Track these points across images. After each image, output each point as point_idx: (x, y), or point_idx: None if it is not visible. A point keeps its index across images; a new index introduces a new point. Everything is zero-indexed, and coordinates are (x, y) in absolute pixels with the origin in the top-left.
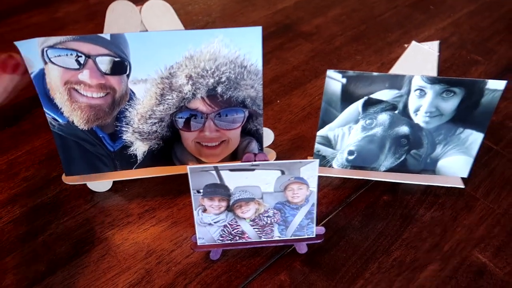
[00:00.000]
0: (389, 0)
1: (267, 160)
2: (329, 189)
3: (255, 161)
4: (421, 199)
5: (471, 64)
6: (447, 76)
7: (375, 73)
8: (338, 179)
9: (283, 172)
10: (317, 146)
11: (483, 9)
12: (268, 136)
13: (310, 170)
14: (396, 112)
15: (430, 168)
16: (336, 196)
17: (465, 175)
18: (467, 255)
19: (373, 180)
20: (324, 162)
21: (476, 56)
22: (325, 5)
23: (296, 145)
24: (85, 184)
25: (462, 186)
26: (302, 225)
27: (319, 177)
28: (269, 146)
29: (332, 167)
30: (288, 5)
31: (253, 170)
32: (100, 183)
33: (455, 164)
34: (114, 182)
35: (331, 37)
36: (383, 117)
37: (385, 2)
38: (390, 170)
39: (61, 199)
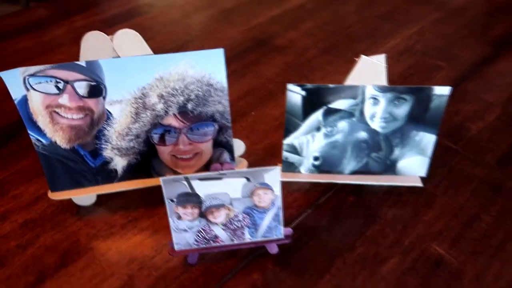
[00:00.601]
0: (357, 12)
1: (233, 169)
2: (300, 193)
3: (222, 170)
4: (384, 198)
5: (434, 70)
6: (410, 82)
7: (331, 85)
8: (307, 184)
9: (248, 179)
10: (284, 154)
11: (449, 16)
12: (240, 146)
13: (273, 176)
14: (354, 119)
15: (391, 169)
16: (305, 200)
17: (423, 174)
18: (425, 248)
19: (339, 183)
20: (292, 168)
21: (439, 62)
22: (298, 19)
23: (269, 153)
24: (71, 199)
25: (421, 185)
26: (270, 227)
27: (290, 182)
28: (243, 155)
29: (300, 172)
30: (263, 20)
31: (220, 178)
32: (85, 198)
33: (413, 164)
34: (98, 196)
35: (304, 49)
36: (343, 125)
37: (354, 15)
38: (354, 172)
39: (49, 214)
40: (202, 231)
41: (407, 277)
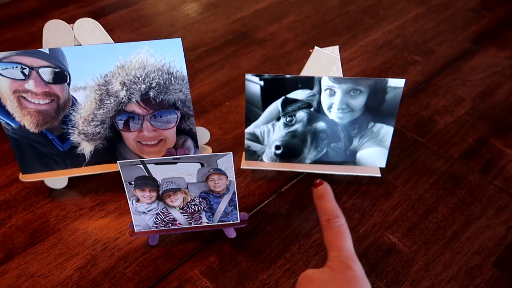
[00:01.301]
0: (341, 6)
1: (187, 154)
2: (264, 181)
3: (176, 155)
4: (345, 188)
5: (410, 64)
6: (384, 75)
7: (288, 76)
8: (272, 172)
9: (202, 165)
10: (246, 142)
11: (429, 12)
12: (204, 134)
13: (226, 162)
14: (312, 109)
15: (351, 159)
16: (269, 187)
17: (383, 165)
18: (379, 236)
19: (301, 172)
20: (255, 156)
21: (416, 56)
22: (281, 13)
23: (239, 142)
24: (44, 182)
25: (379, 175)
26: (226, 212)
27: (255, 170)
28: (213, 144)
29: (263, 161)
30: (247, 14)
31: (175, 163)
32: (57, 180)
33: (372, 155)
34: (70, 180)
35: (283, 42)
36: (301, 115)
37: (338, 8)
38: (315, 162)
39: (23, 196)
40: (161, 213)
41: None
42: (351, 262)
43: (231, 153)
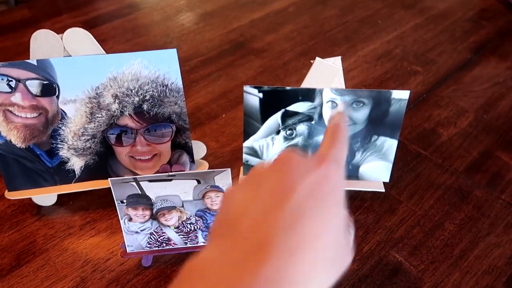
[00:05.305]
0: (339, 16)
1: (183, 171)
2: None
3: (171, 171)
4: (348, 203)
5: (411, 75)
6: (385, 86)
7: (288, 88)
8: None
9: (199, 181)
10: (245, 157)
11: (428, 22)
12: (200, 148)
13: (224, 179)
14: (313, 122)
15: (353, 174)
16: None
17: (387, 179)
18: (384, 254)
19: None
20: None
21: (416, 67)
22: (278, 23)
23: (236, 156)
24: (32, 199)
25: (383, 190)
26: None
27: None
28: (209, 158)
29: None
30: (243, 23)
31: (170, 180)
32: (45, 198)
33: (375, 169)
34: (59, 196)
35: (281, 53)
36: (302, 128)
37: (335, 18)
38: None
39: (9, 213)
40: (155, 233)
41: (363, 284)
42: (329, 161)
43: (229, 169)
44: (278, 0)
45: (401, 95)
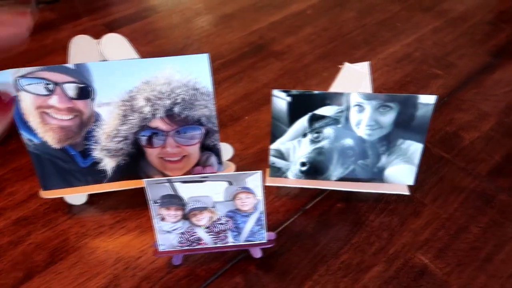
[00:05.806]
0: (358, 19)
1: (215, 173)
2: (287, 199)
3: (204, 173)
4: (372, 206)
5: (431, 78)
6: (406, 90)
7: (316, 92)
8: (296, 189)
9: (230, 183)
10: (271, 159)
11: (447, 25)
12: (227, 150)
13: (255, 181)
14: (340, 126)
15: (378, 176)
16: (293, 205)
17: (411, 182)
18: (410, 257)
19: (327, 189)
20: (280, 173)
21: (436, 70)
22: (297, 26)
23: (260, 158)
24: (63, 198)
25: (407, 193)
26: (253, 231)
27: (279, 187)
28: (234, 159)
29: (288, 178)
30: (263, 26)
31: (203, 181)
32: (76, 197)
33: (400, 172)
34: (89, 196)
35: (301, 55)
36: (329, 131)
37: (354, 21)
38: (341, 179)
39: (42, 212)
40: (186, 233)
41: (389, 286)
42: None
43: (260, 171)
44: (296, 3)
45: (427, 100)
